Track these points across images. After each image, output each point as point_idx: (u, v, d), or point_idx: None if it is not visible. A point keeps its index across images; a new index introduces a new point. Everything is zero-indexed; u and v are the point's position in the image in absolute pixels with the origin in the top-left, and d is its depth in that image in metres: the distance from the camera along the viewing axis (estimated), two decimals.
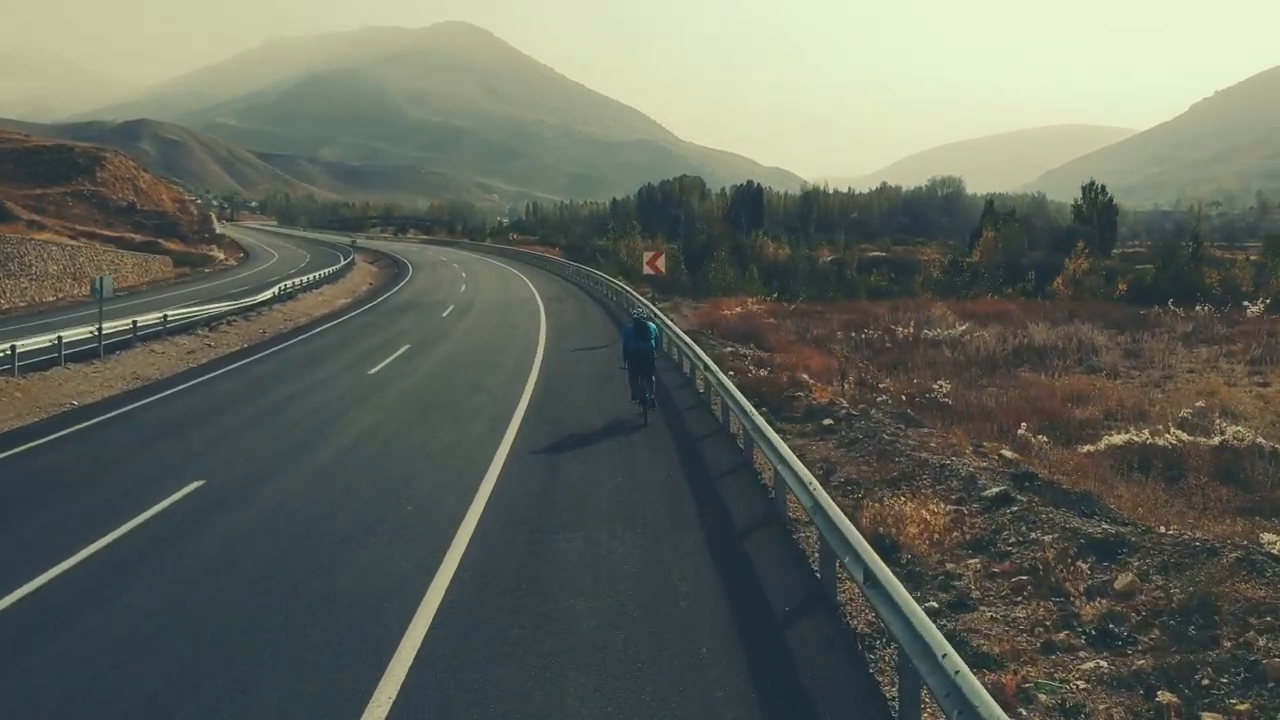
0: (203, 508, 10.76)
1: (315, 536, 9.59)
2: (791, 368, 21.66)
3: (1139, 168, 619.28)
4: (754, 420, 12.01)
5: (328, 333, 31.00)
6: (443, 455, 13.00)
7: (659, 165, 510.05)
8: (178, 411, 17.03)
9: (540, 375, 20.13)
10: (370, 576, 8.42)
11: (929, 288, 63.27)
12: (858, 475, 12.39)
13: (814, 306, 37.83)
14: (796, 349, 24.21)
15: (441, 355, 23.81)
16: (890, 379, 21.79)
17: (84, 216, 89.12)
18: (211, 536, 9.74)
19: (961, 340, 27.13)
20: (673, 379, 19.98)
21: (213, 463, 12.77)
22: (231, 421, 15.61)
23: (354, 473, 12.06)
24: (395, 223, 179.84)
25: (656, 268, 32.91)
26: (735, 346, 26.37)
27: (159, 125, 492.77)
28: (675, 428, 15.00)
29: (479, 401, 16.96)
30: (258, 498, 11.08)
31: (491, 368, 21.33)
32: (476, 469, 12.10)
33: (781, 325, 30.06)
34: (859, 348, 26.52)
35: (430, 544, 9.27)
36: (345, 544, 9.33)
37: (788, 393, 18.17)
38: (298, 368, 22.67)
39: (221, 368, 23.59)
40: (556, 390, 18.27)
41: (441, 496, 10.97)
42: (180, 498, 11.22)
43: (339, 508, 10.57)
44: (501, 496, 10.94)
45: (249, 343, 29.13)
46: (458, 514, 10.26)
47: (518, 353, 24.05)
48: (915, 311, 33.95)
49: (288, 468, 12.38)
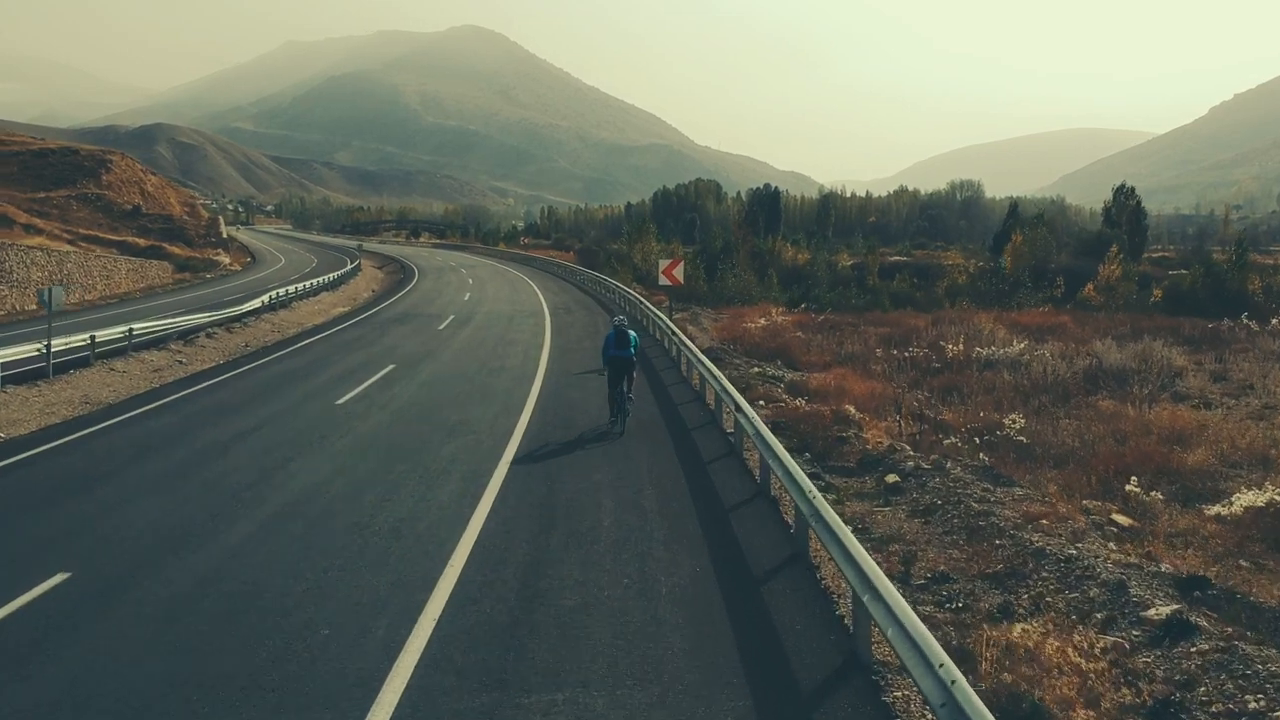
0: (58, 613, 7.73)
1: (165, 689, 6.48)
2: (831, 393, 18.54)
3: (1157, 171, 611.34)
4: (813, 504, 8.70)
5: (312, 347, 27.99)
6: (389, 540, 9.70)
7: (674, 169, 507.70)
8: (97, 453, 13.98)
9: (537, 408, 16.95)
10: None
11: (962, 296, 59.74)
12: (947, 566, 9.20)
13: (844, 318, 34.55)
14: (836, 372, 21.06)
15: (427, 379, 20.66)
16: (948, 409, 18.64)
17: (88, 220, 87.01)
18: (64, 659, 6.67)
19: (1021, 361, 23.79)
20: (695, 414, 16.79)
21: (95, 540, 9.67)
22: (149, 472, 12.51)
23: (258, 571, 8.74)
24: (409, 226, 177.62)
25: (673, 277, 29.71)
26: (762, 366, 23.25)
27: (175, 129, 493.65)
28: (702, 493, 11.70)
29: (456, 448, 13.74)
30: (121, 604, 7.99)
31: (481, 397, 18.14)
32: (428, 568, 8.86)
33: (811, 340, 26.84)
34: (903, 368, 23.31)
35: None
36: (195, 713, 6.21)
37: (834, 431, 15.02)
38: (263, 393, 19.63)
39: (183, 389, 20.61)
40: (555, 430, 15.07)
41: (367, 624, 7.63)
42: (36, 596, 8.20)
43: (210, 645, 7.34)
44: (454, 628, 7.57)
45: (226, 358, 26.16)
46: (379, 666, 6.88)
47: (514, 376, 20.89)
48: (960, 324, 30.63)
49: (177, 555, 9.18)
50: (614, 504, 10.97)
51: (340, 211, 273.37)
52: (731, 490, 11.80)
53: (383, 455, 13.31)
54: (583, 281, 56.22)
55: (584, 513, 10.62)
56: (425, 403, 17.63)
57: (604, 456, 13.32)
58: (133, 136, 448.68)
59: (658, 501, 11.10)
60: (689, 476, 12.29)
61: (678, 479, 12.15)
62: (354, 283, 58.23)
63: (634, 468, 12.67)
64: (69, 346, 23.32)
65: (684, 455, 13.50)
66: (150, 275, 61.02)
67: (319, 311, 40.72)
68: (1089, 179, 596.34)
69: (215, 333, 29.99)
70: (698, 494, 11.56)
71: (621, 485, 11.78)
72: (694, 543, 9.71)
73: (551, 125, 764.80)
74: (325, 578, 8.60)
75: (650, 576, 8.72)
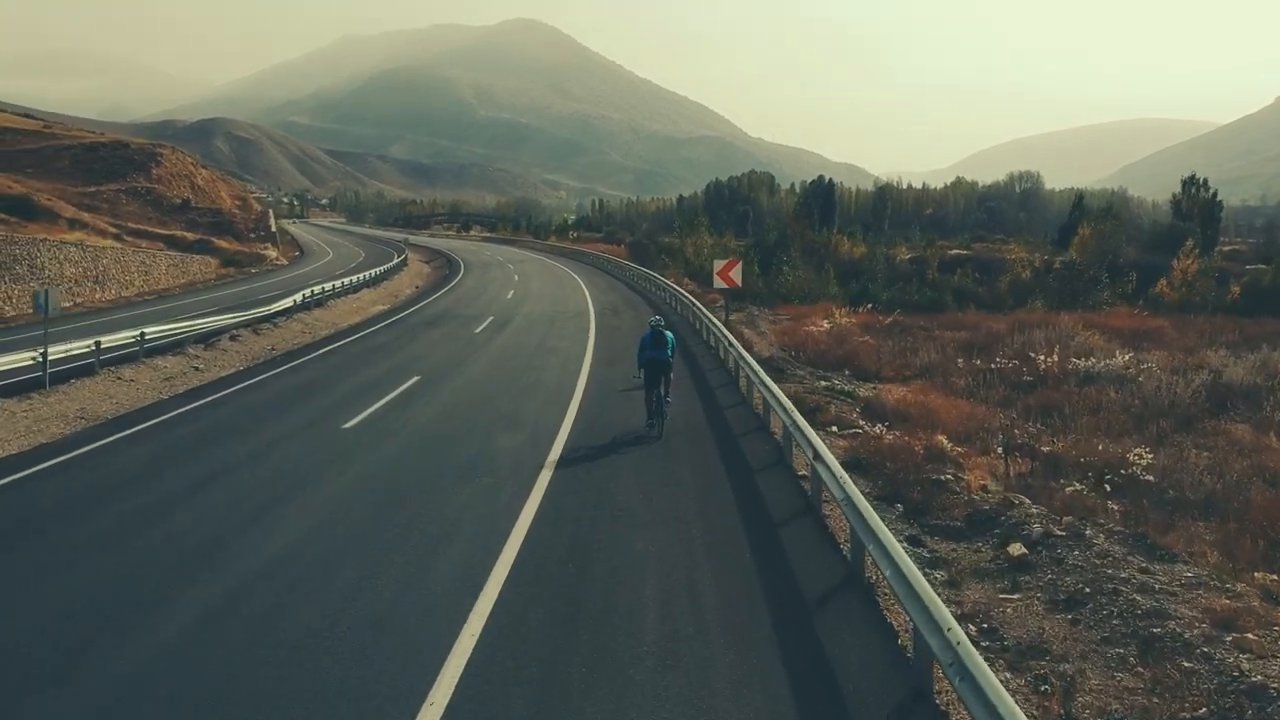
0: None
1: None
2: (915, 416, 15.86)
3: (1220, 162, 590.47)
4: (956, 651, 6.02)
5: (338, 353, 25.92)
6: (352, 659, 7.06)
7: (726, 161, 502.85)
8: (39, 499, 11.84)
9: (571, 439, 14.46)
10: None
11: (1031, 293, 56.14)
12: (1122, 705, 6.57)
13: (914, 319, 31.54)
14: (914, 387, 18.36)
15: (450, 398, 18.31)
16: (1053, 435, 15.86)
17: (137, 214, 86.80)
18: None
19: (1126, 375, 20.78)
20: (759, 449, 14.09)
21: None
22: (78, 536, 10.15)
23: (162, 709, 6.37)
24: (460, 220, 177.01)
25: (730, 279, 26.42)
26: (830, 378, 20.57)
27: (233, 124, 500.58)
28: (776, 577, 8.92)
29: (469, 497, 11.25)
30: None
31: (508, 424, 15.70)
32: (409, 694, 6.47)
33: (882, 347, 24.03)
34: (990, 382, 20.49)
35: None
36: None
37: (928, 471, 12.37)
38: (269, 411, 17.46)
39: (187, 403, 18.60)
40: (593, 471, 12.60)
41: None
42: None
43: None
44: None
45: (248, 363, 24.17)
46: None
47: (550, 393, 18.46)
48: (1043, 328, 27.56)
49: (75, 670, 6.87)
50: (658, 591, 8.37)
51: (393, 205, 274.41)
52: (813, 574, 9.04)
53: (378, 505, 10.89)
54: (632, 279, 53.76)
55: (621, 606, 8.02)
56: (443, 430, 15.26)
57: (647, 507, 10.81)
58: (191, 131, 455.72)
59: (716, 595, 8.42)
60: (755, 548, 9.67)
61: (740, 552, 9.53)
62: (398, 279, 56.46)
63: (685, 534, 10.12)
64: (69, 354, 21.45)
65: (748, 512, 10.89)
66: (192, 270, 59.79)
67: (356, 310, 38.81)
68: (1150, 170, 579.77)
69: (240, 335, 28.08)
70: (769, 578, 8.86)
71: (669, 557, 9.24)
72: (768, 652, 7.11)
73: (603, 117, 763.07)
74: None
75: (708, 692, 6.22)
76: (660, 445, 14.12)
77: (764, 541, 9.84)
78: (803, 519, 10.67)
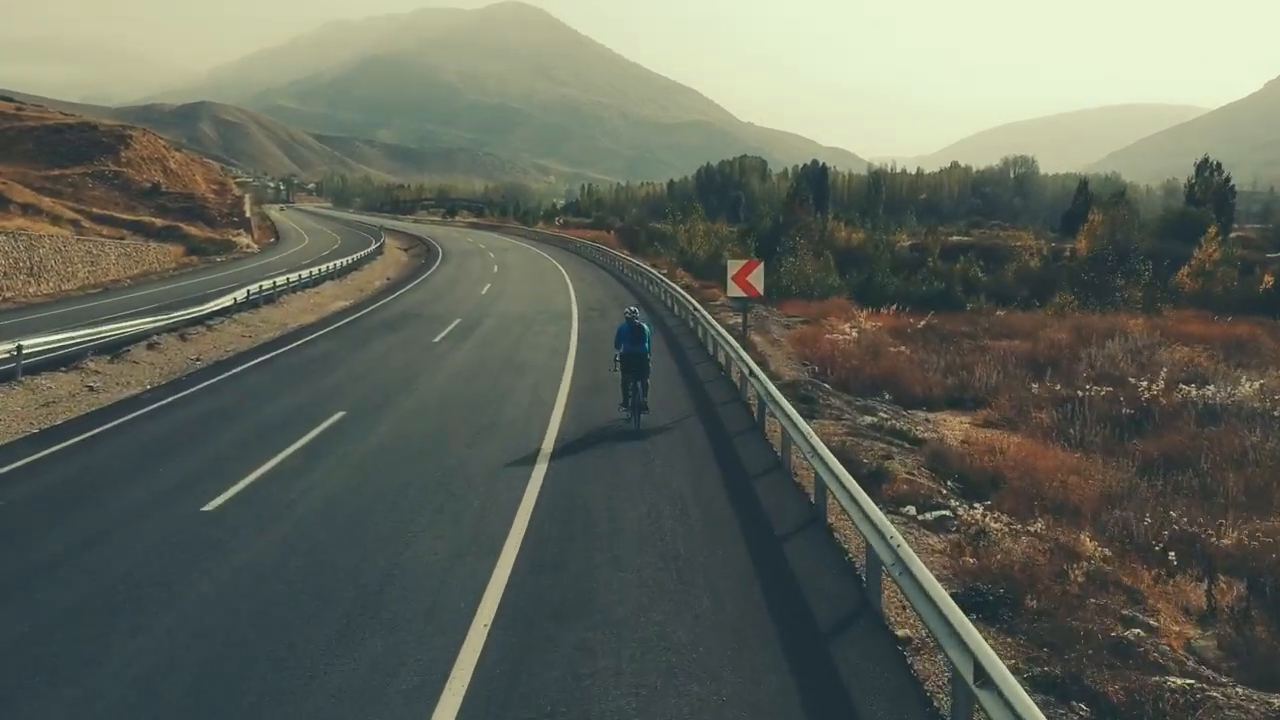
0: None
1: None
2: (1004, 474, 11.82)
3: (1208, 148, 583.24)
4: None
5: (268, 366, 21.64)
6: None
7: (716, 146, 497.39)
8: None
9: (531, 540, 9.79)
10: None
11: (1056, 286, 52.27)
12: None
13: (950, 321, 27.32)
14: (980, 417, 14.35)
15: (373, 448, 13.77)
16: (1213, 515, 11.65)
17: (102, 199, 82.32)
18: None
19: (1262, 410, 16.25)
20: (807, 557, 9.80)
21: None
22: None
23: None
24: (448, 205, 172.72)
25: (749, 285, 20.26)
26: (871, 408, 16.47)
27: (218, 108, 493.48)
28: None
29: (361, 664, 7.15)
30: None
31: (445, 498, 11.33)
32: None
33: (926, 361, 19.87)
34: (1078, 414, 16.32)
35: None
36: None
37: (1099, 619, 8.06)
38: (134, 465, 13.00)
39: (37, 450, 14.14)
40: (559, 590, 8.48)
41: None
42: None
43: None
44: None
45: (158, 381, 19.87)
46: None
47: (511, 440, 14.11)
48: (1116, 338, 23.22)
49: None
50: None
51: (380, 189, 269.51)
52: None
53: (197, 687, 6.73)
54: (622, 269, 49.64)
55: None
56: (350, 511, 10.83)
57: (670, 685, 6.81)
58: (176, 115, 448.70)
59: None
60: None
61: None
62: (369, 269, 52.26)
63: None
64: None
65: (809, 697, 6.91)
66: (148, 260, 55.39)
67: (312, 307, 34.66)
68: (1138, 155, 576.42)
69: (159, 342, 23.84)
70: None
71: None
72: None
73: (593, 102, 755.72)
74: None
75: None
76: (675, 574, 8.97)
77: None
78: (903, 693, 6.38)
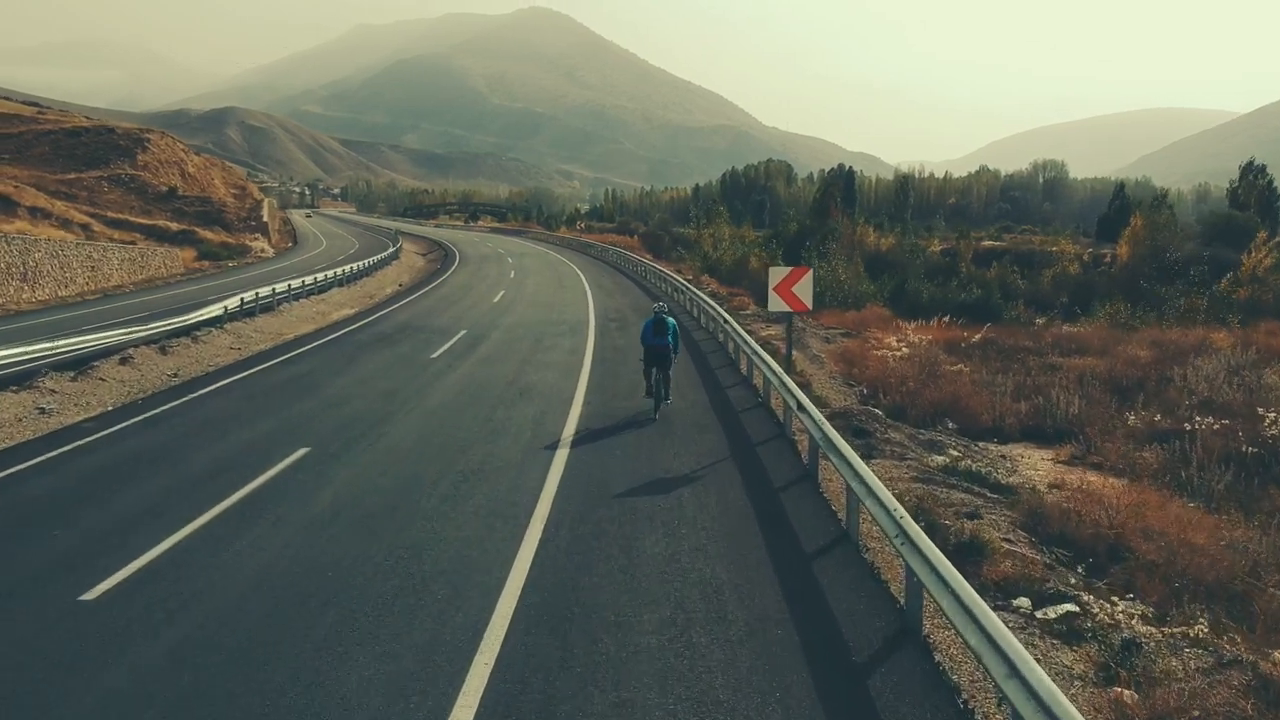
0: None
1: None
2: (1133, 545, 9.36)
3: (1239, 152, 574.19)
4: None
5: (246, 385, 19.38)
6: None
7: (740, 150, 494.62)
8: None
9: (504, 663, 7.08)
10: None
11: (1107, 296, 49.26)
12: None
13: (1007, 335, 24.47)
14: (1065, 453, 11.81)
15: (329, 505, 10.95)
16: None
17: (118, 203, 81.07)
18: None
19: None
20: (910, 691, 7.34)
21: None
22: None
23: None
24: (471, 209, 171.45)
25: (794, 298, 16.60)
26: (944, 450, 13.84)
27: (246, 113, 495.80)
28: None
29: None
30: None
31: (406, 579, 8.82)
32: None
33: (991, 382, 17.15)
34: (1191, 454, 13.60)
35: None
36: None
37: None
38: (33, 520, 10.92)
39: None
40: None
41: None
42: None
43: None
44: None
45: (121, 400, 17.59)
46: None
47: (503, 492, 11.52)
48: (1207, 355, 20.45)
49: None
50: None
51: (404, 194, 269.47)
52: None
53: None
54: (644, 275, 47.23)
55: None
56: (283, 598, 8.31)
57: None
58: (204, 120, 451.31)
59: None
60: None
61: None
62: (382, 274, 50.19)
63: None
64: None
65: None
66: (154, 264, 53.44)
67: (313, 316, 32.49)
68: (1169, 160, 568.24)
69: (133, 356, 21.66)
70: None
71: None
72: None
73: (617, 107, 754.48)
74: None
75: None
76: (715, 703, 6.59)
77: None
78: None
